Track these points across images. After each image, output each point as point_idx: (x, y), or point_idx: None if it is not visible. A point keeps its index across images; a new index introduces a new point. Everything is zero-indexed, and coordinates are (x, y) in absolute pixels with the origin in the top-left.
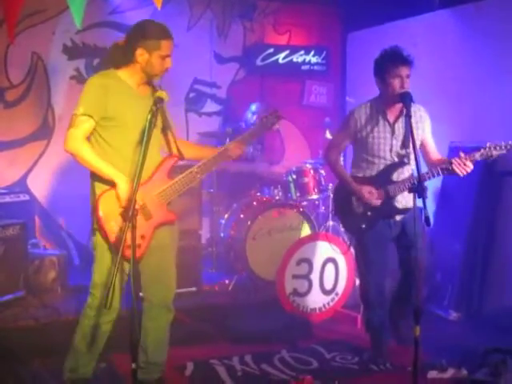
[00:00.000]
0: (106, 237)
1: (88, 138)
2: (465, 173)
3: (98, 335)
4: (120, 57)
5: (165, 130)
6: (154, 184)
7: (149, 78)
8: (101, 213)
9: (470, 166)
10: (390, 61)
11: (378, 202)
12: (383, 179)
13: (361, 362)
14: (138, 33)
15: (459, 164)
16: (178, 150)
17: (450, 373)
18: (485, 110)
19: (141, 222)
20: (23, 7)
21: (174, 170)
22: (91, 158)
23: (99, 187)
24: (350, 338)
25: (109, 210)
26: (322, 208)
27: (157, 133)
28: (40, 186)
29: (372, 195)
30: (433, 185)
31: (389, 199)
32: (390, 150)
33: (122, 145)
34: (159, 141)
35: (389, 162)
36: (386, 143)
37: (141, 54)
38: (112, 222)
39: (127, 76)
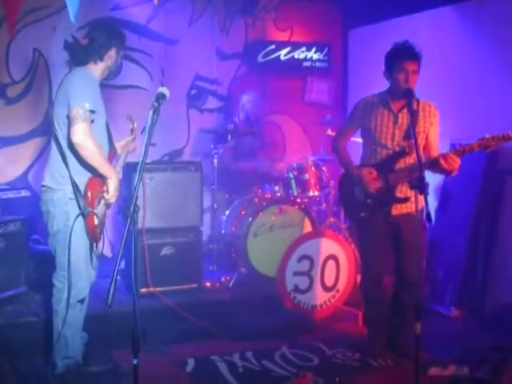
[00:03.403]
0: (90, 219)
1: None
2: (450, 167)
3: (76, 314)
4: (84, 55)
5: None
6: None
7: (109, 74)
8: (89, 193)
9: (456, 161)
10: (398, 55)
11: (376, 184)
12: (384, 167)
13: (361, 359)
14: (113, 35)
15: (445, 159)
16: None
17: (450, 370)
18: (486, 107)
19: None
20: (24, 4)
21: None
22: (98, 152)
23: (80, 176)
24: (351, 334)
25: (94, 194)
26: (323, 205)
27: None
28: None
29: (371, 174)
30: (434, 181)
31: (389, 187)
32: (392, 139)
33: (98, 136)
34: None
35: (390, 151)
36: (388, 132)
37: (114, 53)
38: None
39: (97, 73)
